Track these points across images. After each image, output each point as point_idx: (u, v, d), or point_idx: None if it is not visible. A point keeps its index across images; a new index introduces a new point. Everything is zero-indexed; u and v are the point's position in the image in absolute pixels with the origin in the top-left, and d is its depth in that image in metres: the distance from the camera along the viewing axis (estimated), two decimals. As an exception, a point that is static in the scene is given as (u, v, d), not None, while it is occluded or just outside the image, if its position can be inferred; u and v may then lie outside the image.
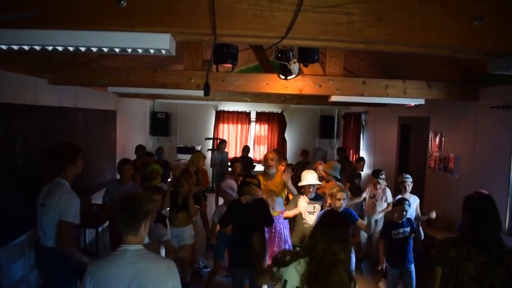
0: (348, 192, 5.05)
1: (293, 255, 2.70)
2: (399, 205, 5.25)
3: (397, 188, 6.35)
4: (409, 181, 6.06)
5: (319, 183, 5.26)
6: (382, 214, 6.72)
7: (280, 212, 5.68)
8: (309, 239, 2.69)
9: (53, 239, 3.70)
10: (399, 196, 5.80)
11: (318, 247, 2.54)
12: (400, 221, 5.16)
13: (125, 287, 2.31)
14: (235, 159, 7.55)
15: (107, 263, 2.41)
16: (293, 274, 2.59)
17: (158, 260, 2.48)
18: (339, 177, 6.38)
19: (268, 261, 5.55)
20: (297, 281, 2.56)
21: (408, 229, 5.15)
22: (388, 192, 6.76)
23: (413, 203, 5.93)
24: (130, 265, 2.34)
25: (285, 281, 2.63)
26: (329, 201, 4.84)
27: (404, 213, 5.15)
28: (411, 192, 6.07)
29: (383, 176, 6.83)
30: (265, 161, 5.87)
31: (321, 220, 2.84)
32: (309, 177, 5.28)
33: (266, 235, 5.56)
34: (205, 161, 7.03)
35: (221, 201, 6.64)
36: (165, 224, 5.04)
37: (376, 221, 6.86)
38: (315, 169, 6.53)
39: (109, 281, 2.34)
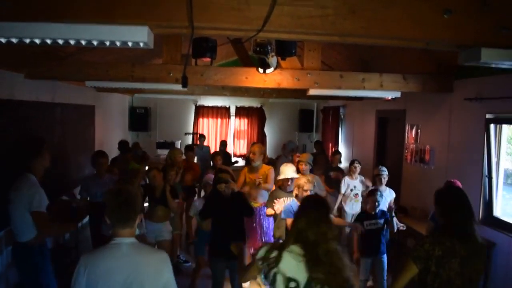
0: (315, 183, 5.05)
1: (279, 247, 2.57)
2: (371, 196, 5.33)
3: (373, 180, 6.47)
4: (384, 173, 6.14)
5: (297, 176, 5.30)
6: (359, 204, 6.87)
7: (262, 204, 5.74)
8: (294, 226, 2.62)
9: (24, 234, 3.78)
10: (371, 187, 5.91)
11: (308, 231, 2.49)
12: (373, 212, 5.23)
13: (122, 279, 2.32)
14: (215, 153, 7.58)
15: (103, 255, 2.39)
16: (289, 261, 2.47)
17: (153, 252, 2.54)
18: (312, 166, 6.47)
19: (249, 253, 5.62)
20: (294, 270, 2.44)
21: (381, 220, 5.23)
22: (365, 179, 6.94)
23: (389, 196, 5.97)
24: (127, 258, 2.36)
25: (275, 274, 2.49)
26: (295, 191, 4.78)
27: (376, 203, 5.22)
28: (387, 185, 6.15)
29: (358, 165, 7.00)
30: (249, 154, 5.94)
31: (302, 205, 2.78)
32: (287, 171, 5.28)
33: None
34: (182, 157, 7.00)
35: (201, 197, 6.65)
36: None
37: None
38: (292, 162, 6.63)
39: (106, 273, 2.31)
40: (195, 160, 10.21)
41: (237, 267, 4.69)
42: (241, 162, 10.94)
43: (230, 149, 11.86)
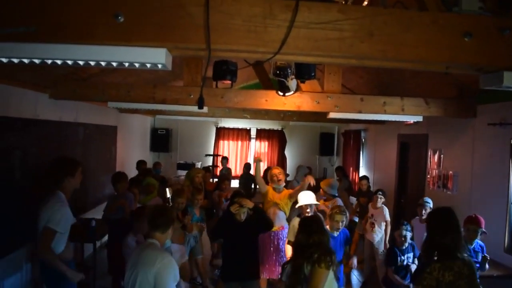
0: (347, 214, 4.99)
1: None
2: (397, 230, 5.19)
3: (415, 210, 6.24)
4: (428, 206, 5.77)
5: (316, 203, 5.24)
6: (382, 235, 6.67)
7: (280, 228, 5.67)
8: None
9: None
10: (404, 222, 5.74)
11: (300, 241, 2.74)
12: (403, 247, 5.09)
13: (132, 264, 3.26)
14: (224, 177, 7.48)
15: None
16: None
17: (159, 252, 3.24)
18: (336, 195, 6.39)
19: (264, 275, 5.55)
20: None
21: (410, 255, 5.08)
22: (386, 211, 6.71)
23: None
24: (141, 251, 3.26)
25: None
26: (327, 222, 4.77)
27: (403, 238, 5.08)
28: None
29: (381, 196, 6.77)
30: (272, 177, 5.90)
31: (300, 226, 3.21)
32: (306, 198, 5.20)
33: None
34: (201, 177, 7.00)
35: None
36: None
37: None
38: None
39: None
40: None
41: None
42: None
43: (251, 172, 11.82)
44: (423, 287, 2.82)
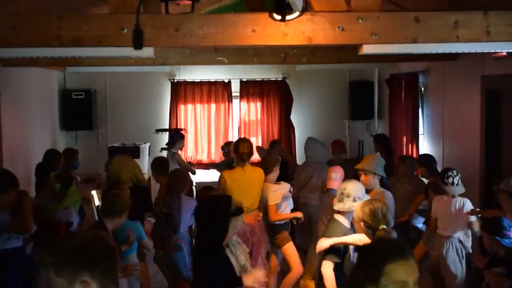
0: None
1: None
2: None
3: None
4: None
5: (368, 197, 5.35)
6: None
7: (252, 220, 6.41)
8: None
9: None
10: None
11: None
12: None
13: None
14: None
15: None
16: None
17: None
18: (384, 176, 6.47)
19: None
20: None
21: None
22: (469, 204, 6.77)
23: None
24: None
25: None
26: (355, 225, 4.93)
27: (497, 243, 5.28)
28: None
29: (451, 179, 6.77)
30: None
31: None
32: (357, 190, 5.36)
33: None
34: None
35: None
36: None
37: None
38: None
39: None
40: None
41: None
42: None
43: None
44: None
